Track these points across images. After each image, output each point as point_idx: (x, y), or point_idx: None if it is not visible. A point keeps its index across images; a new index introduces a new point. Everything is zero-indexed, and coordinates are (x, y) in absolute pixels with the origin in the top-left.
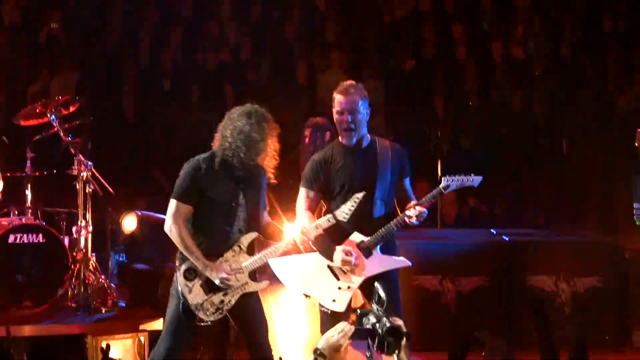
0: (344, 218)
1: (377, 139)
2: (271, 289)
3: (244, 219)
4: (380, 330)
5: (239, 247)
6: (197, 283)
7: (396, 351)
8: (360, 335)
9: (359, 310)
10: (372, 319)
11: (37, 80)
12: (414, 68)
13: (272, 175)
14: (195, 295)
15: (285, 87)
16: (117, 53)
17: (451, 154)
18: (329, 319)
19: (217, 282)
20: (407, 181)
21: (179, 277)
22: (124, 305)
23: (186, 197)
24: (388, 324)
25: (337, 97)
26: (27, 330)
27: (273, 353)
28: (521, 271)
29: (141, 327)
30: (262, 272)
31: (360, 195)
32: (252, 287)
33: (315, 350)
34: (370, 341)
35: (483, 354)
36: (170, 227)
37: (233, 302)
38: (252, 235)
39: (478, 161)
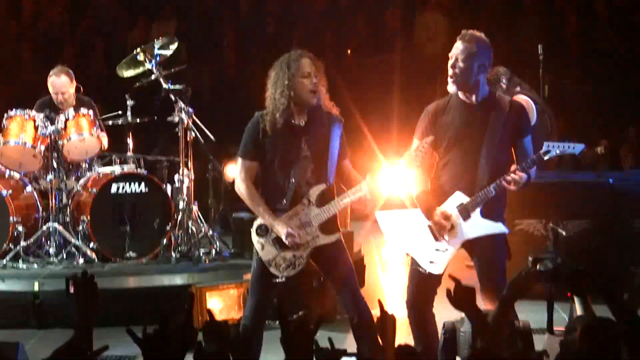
0: (415, 163)
1: (497, 94)
2: (375, 240)
3: (311, 170)
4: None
5: (308, 200)
6: (269, 239)
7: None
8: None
9: (531, 258)
10: (549, 264)
11: (135, 28)
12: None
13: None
14: (268, 251)
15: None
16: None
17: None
18: (420, 279)
19: (282, 237)
20: (525, 140)
21: (252, 234)
22: (227, 254)
23: (249, 154)
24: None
25: (455, 43)
26: (131, 281)
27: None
28: (626, 213)
29: (245, 276)
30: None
31: (429, 139)
32: (323, 240)
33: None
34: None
35: None
36: (237, 185)
37: (305, 257)
38: (321, 187)
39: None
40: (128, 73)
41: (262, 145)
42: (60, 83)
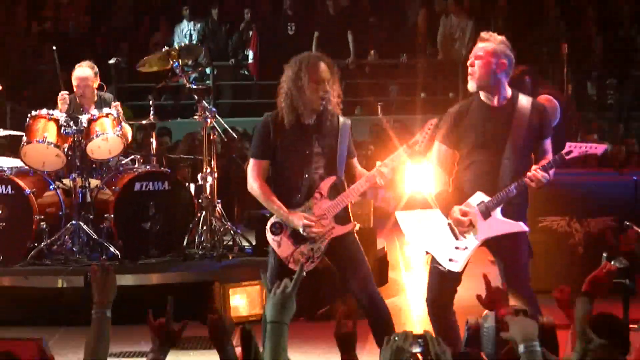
0: (419, 147)
1: (519, 95)
2: (398, 237)
3: (323, 166)
4: None
5: (320, 193)
6: (284, 235)
7: None
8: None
9: (605, 254)
10: (624, 261)
11: (158, 30)
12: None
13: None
14: (284, 248)
15: (402, 31)
16: (237, 3)
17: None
18: (440, 277)
19: (300, 230)
20: (546, 142)
21: (267, 232)
22: (250, 251)
23: (261, 153)
24: None
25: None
26: (155, 278)
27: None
28: None
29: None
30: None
31: (434, 121)
32: (339, 230)
33: None
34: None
35: None
36: (250, 184)
37: (323, 248)
38: (331, 179)
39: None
40: (151, 69)
41: (273, 144)
42: (84, 74)
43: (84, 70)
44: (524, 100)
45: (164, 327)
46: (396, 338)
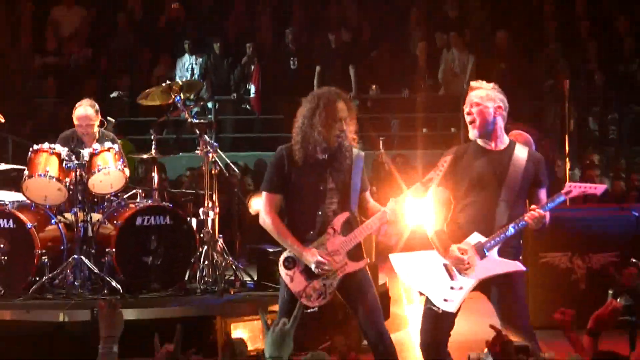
0: (432, 185)
1: (516, 145)
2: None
3: (337, 201)
4: None
5: (333, 229)
6: (297, 270)
7: None
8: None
9: (611, 291)
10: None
11: (159, 64)
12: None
13: (362, 153)
14: (297, 283)
15: (404, 65)
16: (240, 37)
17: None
18: (434, 319)
19: (312, 267)
20: (541, 192)
21: (280, 267)
22: (252, 286)
23: (274, 188)
24: None
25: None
26: (156, 312)
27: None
28: None
29: (270, 308)
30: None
31: (448, 158)
32: (352, 267)
33: None
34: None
35: None
36: (263, 218)
37: (335, 284)
38: (344, 215)
39: (603, 139)
40: (153, 102)
41: (287, 178)
42: (86, 114)
43: (85, 109)
44: (521, 150)
45: (170, 354)
46: None
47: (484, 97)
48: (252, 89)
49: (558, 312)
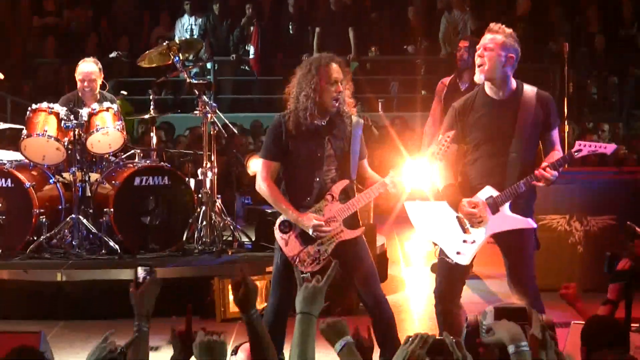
0: (436, 158)
1: (523, 86)
2: (398, 232)
3: (335, 168)
4: None
5: (331, 195)
6: (292, 235)
7: None
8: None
9: (608, 253)
10: None
11: (159, 25)
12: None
13: (361, 120)
14: (292, 247)
15: (404, 27)
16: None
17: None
18: (448, 269)
19: (310, 231)
20: (553, 133)
21: (275, 231)
22: (249, 247)
23: (271, 154)
24: None
25: (484, 35)
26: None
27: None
28: None
29: (268, 269)
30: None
31: (451, 133)
32: (347, 234)
33: None
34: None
35: None
36: (259, 184)
37: (329, 250)
38: (344, 182)
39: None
40: (151, 64)
41: (285, 145)
42: (90, 69)
43: (89, 65)
44: (529, 92)
45: (184, 335)
46: (414, 340)
47: (499, 44)
48: (252, 50)
49: (562, 288)
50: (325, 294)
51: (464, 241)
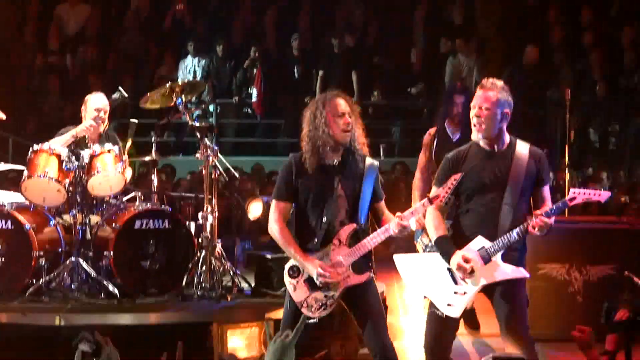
0: (440, 202)
1: (517, 141)
2: (397, 281)
3: (346, 210)
4: None
5: (339, 240)
6: (300, 280)
7: None
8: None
9: (605, 304)
10: None
11: (163, 64)
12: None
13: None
14: (300, 292)
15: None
16: (244, 40)
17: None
18: (438, 322)
19: (314, 277)
20: (544, 189)
21: (284, 275)
22: (249, 292)
23: (283, 196)
24: None
25: (477, 92)
26: (153, 317)
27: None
28: None
29: (267, 315)
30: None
31: (457, 176)
32: (354, 279)
33: None
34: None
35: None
36: (270, 226)
37: (337, 296)
38: (351, 226)
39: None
40: (154, 105)
41: (295, 186)
42: (101, 101)
43: (102, 98)
44: (522, 147)
45: None
46: None
47: (495, 102)
48: (254, 92)
49: (576, 330)
50: (324, 340)
51: (455, 293)
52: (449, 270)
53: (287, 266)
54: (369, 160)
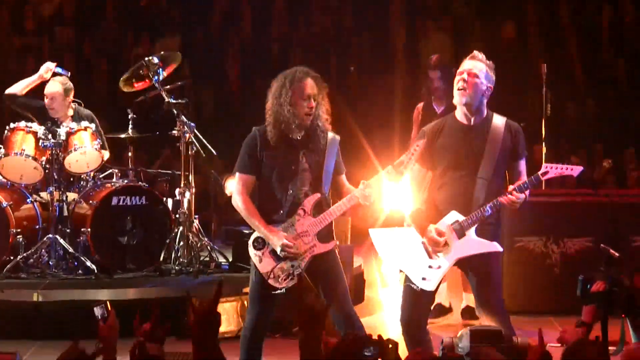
0: (404, 168)
1: (493, 115)
2: (375, 255)
3: (310, 182)
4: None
5: (303, 210)
6: (266, 251)
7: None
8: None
9: (581, 277)
10: None
11: (139, 44)
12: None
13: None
14: (265, 263)
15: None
16: (221, 19)
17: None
18: (413, 296)
19: (278, 249)
20: (520, 163)
21: (249, 247)
22: (226, 267)
23: (247, 169)
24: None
25: (466, 60)
26: (131, 293)
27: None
28: (627, 232)
29: (244, 289)
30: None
31: (421, 142)
32: (320, 248)
33: None
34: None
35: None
36: (234, 198)
37: (303, 266)
38: (315, 196)
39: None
40: (130, 87)
41: (260, 159)
42: (51, 90)
43: (53, 85)
44: (499, 120)
45: (148, 333)
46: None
47: (484, 73)
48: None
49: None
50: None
51: (430, 267)
52: (423, 244)
53: (251, 237)
54: (330, 135)
